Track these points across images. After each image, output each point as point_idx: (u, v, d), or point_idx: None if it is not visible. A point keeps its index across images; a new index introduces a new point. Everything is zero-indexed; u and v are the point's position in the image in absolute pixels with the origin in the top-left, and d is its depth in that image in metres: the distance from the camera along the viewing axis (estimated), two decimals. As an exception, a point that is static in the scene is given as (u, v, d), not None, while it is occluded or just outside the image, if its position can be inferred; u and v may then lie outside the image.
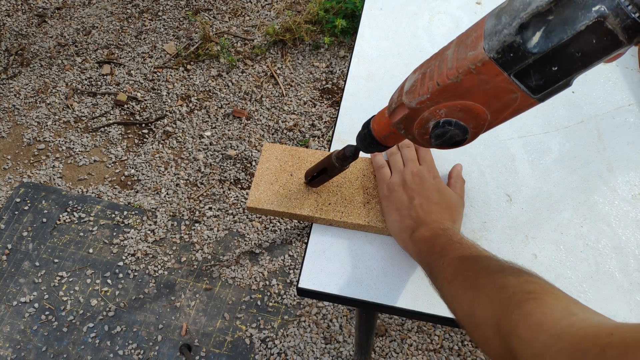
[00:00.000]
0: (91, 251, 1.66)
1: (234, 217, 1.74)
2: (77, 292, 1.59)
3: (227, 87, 2.08)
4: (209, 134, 1.95)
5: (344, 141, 0.77)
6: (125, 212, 1.75)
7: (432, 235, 0.58)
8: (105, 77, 2.14)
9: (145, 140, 1.95)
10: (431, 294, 0.63)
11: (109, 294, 1.58)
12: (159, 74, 2.14)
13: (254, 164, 1.86)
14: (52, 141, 1.95)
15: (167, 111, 2.02)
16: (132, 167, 1.87)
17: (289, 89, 2.07)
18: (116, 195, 1.80)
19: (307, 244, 0.68)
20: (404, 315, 0.63)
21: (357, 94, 0.83)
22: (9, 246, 1.68)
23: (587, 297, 0.63)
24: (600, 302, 0.62)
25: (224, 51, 2.16)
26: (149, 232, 1.70)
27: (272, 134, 1.93)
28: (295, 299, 1.56)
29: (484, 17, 0.40)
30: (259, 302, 1.56)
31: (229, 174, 1.84)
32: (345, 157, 0.61)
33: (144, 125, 1.99)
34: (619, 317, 0.61)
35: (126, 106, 2.04)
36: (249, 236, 1.69)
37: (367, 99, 0.82)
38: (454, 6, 0.95)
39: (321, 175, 0.67)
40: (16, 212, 1.75)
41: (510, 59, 0.37)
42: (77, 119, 2.01)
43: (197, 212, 1.75)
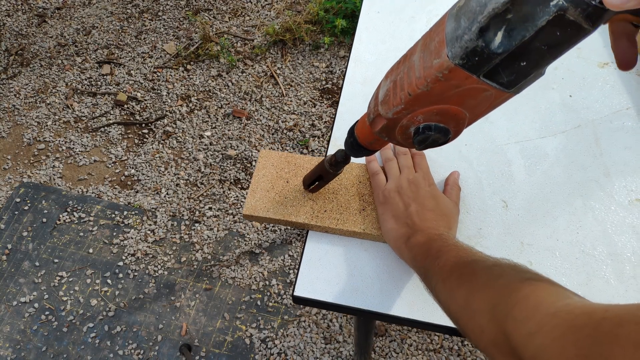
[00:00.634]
0: (91, 251, 1.67)
1: (234, 217, 1.74)
2: (77, 292, 1.59)
3: (227, 87, 2.08)
4: (209, 134, 1.95)
5: (340, 147, 0.77)
6: (125, 212, 1.75)
7: (428, 240, 0.58)
8: (105, 77, 2.14)
9: (145, 140, 1.95)
10: (427, 301, 0.63)
11: (108, 294, 1.59)
12: (159, 74, 2.14)
13: (253, 164, 1.86)
14: (52, 141, 1.95)
15: (167, 111, 2.02)
16: (132, 167, 1.88)
17: (289, 89, 2.06)
18: (116, 195, 1.81)
19: (302, 251, 0.68)
20: (400, 323, 0.63)
21: (353, 98, 0.83)
22: (9, 246, 1.68)
23: (582, 304, 0.63)
24: (595, 310, 0.62)
25: (224, 51, 2.16)
26: (149, 232, 1.71)
27: (272, 134, 1.93)
28: (294, 299, 1.57)
29: (444, 17, 0.39)
30: (259, 302, 1.57)
31: (229, 174, 1.84)
32: (337, 163, 0.61)
33: (144, 125, 1.99)
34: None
35: (126, 106, 2.05)
36: (248, 236, 1.69)
37: (364, 103, 0.81)
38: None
39: (318, 181, 0.67)
40: (16, 212, 1.76)
41: (476, 63, 0.36)
42: (77, 119, 2.02)
43: (197, 212, 1.75)
